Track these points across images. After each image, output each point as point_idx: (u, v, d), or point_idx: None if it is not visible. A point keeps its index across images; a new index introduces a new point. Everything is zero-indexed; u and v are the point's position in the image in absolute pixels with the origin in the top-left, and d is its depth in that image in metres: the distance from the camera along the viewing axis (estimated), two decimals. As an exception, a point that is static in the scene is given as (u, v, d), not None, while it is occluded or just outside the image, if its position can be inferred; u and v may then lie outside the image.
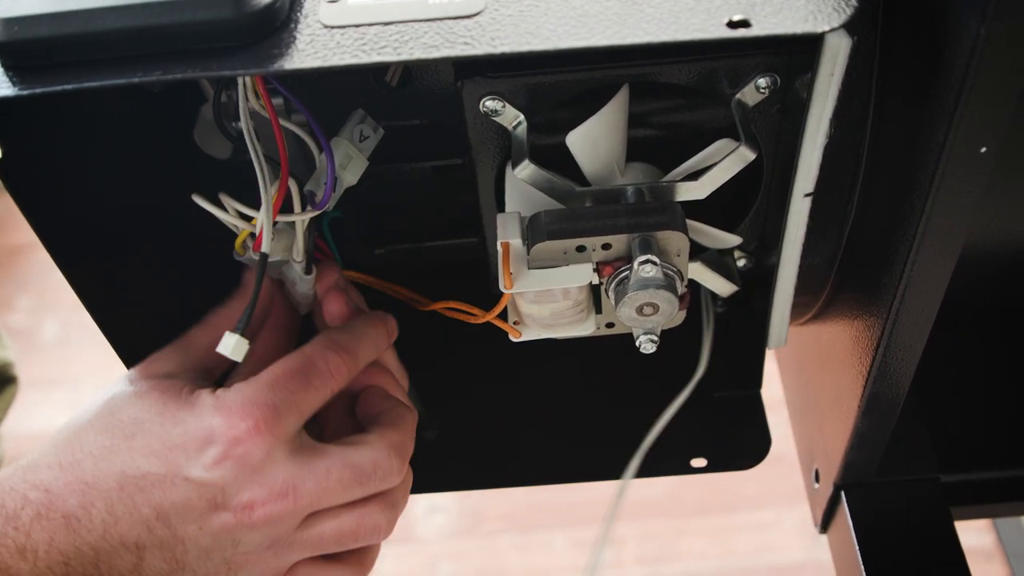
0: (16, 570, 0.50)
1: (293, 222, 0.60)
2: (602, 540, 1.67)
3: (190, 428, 0.55)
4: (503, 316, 0.63)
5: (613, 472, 0.79)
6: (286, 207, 0.59)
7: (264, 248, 0.58)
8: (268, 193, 0.57)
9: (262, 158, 0.57)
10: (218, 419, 0.55)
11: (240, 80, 0.56)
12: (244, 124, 0.56)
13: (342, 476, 0.57)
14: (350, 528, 0.59)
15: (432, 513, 2.03)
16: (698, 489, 1.98)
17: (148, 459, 0.54)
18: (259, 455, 0.55)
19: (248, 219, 0.60)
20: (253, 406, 0.55)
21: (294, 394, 0.57)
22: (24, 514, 0.51)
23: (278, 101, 0.62)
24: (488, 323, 0.63)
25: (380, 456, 0.59)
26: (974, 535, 1.88)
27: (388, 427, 0.62)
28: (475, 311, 0.63)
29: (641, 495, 2.00)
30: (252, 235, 0.60)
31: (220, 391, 0.57)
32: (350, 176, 0.61)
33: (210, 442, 0.54)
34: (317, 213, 0.60)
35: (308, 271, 0.64)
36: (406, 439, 0.62)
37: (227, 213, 0.59)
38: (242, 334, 0.57)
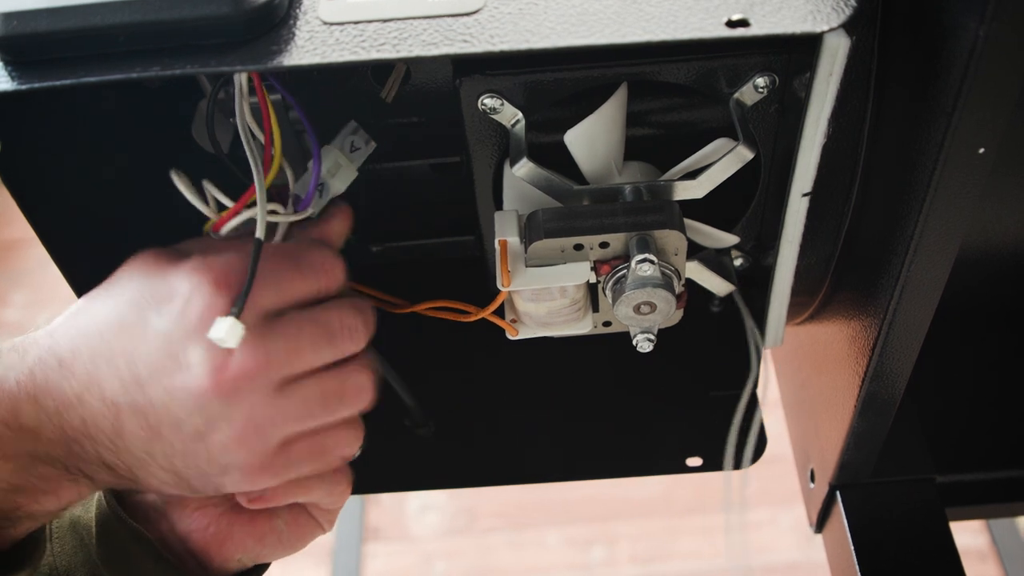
0: (26, 418, 0.51)
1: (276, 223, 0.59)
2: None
3: (167, 279, 0.53)
4: (499, 314, 0.62)
5: (608, 471, 0.79)
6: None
7: (259, 234, 0.57)
8: (263, 182, 0.57)
9: (257, 153, 0.56)
10: (196, 276, 0.53)
11: (236, 77, 0.56)
12: (239, 120, 0.56)
13: (313, 333, 0.55)
14: (334, 387, 0.57)
15: (426, 511, 2.03)
16: (692, 488, 1.98)
17: (126, 308, 0.53)
18: (223, 310, 0.52)
19: (223, 208, 0.59)
20: (233, 270, 0.53)
21: (278, 272, 0.55)
22: (30, 354, 0.52)
23: (275, 97, 0.62)
24: (484, 321, 0.63)
25: (345, 313, 0.57)
26: (968, 536, 1.88)
27: (348, 296, 0.60)
28: (469, 308, 0.62)
29: (635, 494, 2.00)
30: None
31: (209, 254, 0.55)
32: (338, 184, 0.61)
33: (180, 295, 0.52)
34: (299, 217, 0.60)
35: None
36: (367, 305, 0.60)
37: (194, 195, 0.58)
38: (237, 318, 0.55)
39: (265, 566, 0.67)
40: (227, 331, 0.53)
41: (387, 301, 0.65)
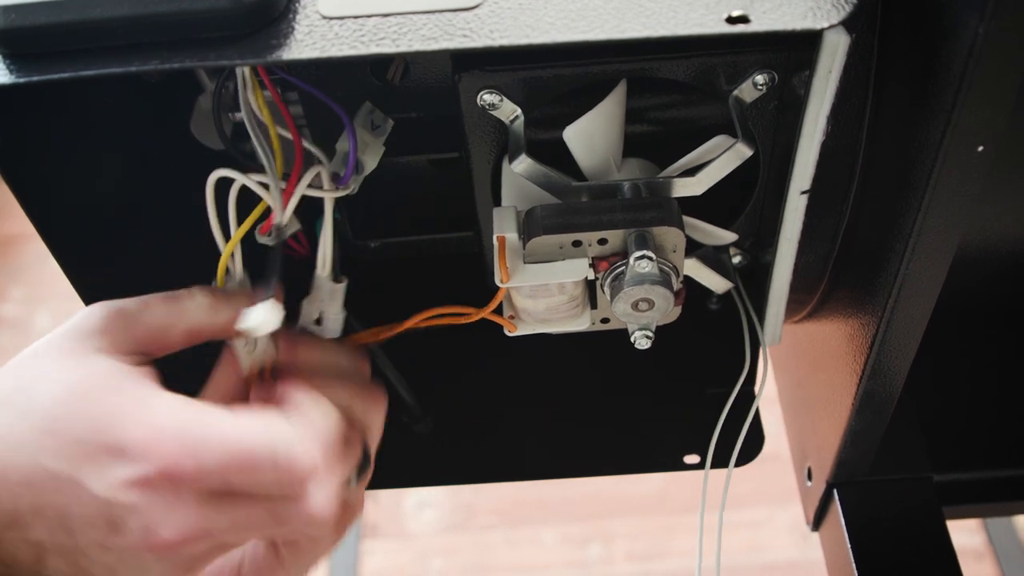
0: None
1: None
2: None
3: (109, 431, 0.48)
4: (497, 310, 0.62)
5: (605, 468, 0.79)
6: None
7: (283, 220, 0.57)
8: (273, 170, 0.57)
9: (265, 145, 0.56)
10: (145, 433, 0.48)
11: (239, 70, 0.56)
12: (245, 114, 0.56)
13: (257, 519, 0.51)
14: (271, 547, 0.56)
15: (423, 508, 2.03)
16: (688, 487, 1.98)
17: (57, 459, 0.47)
18: (173, 489, 0.48)
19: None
20: (193, 441, 0.49)
21: (237, 477, 0.50)
22: None
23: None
24: (482, 318, 0.63)
25: (303, 514, 0.52)
26: (965, 535, 1.88)
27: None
28: (467, 310, 0.62)
29: (632, 492, 2.01)
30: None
31: (166, 393, 0.51)
32: (370, 160, 0.61)
33: (125, 457, 0.48)
34: (344, 192, 0.59)
35: (338, 278, 0.62)
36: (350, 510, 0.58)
37: (253, 181, 0.57)
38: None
39: None
40: (264, 319, 0.53)
41: (381, 331, 0.64)
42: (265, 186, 0.57)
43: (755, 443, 0.76)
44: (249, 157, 0.62)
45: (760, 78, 0.56)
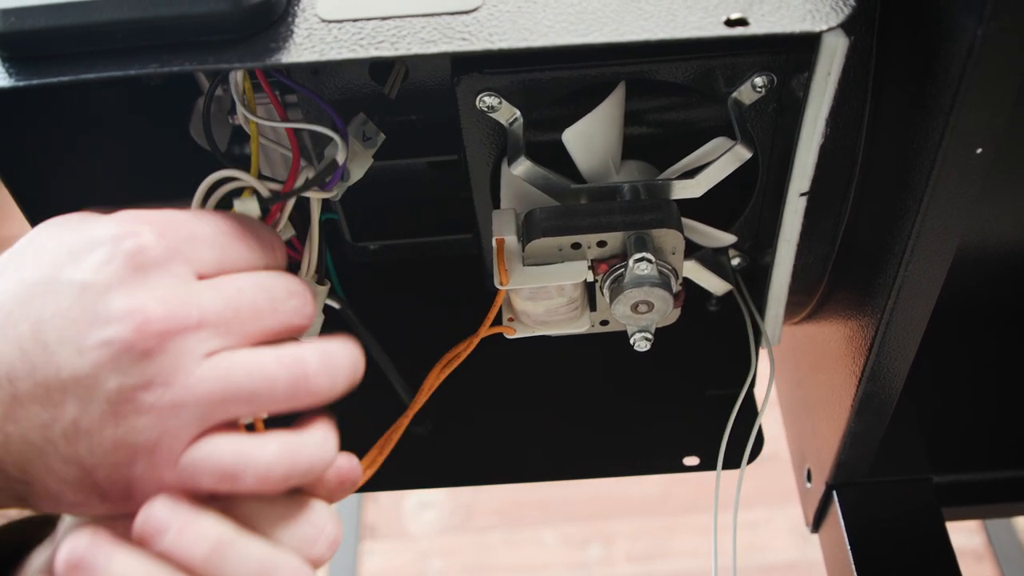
0: None
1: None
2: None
3: (84, 232, 0.45)
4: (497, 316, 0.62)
5: (605, 470, 0.79)
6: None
7: (279, 226, 0.57)
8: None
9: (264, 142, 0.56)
10: (117, 222, 0.46)
11: (232, 74, 0.56)
12: (240, 116, 0.56)
13: (254, 296, 0.47)
14: (271, 366, 0.46)
15: (423, 509, 2.03)
16: (689, 487, 1.98)
17: (33, 268, 0.45)
18: (155, 258, 0.45)
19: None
20: (167, 220, 0.47)
21: (224, 234, 0.48)
22: None
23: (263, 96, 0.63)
24: (481, 318, 0.63)
25: (291, 281, 0.49)
26: (964, 536, 1.88)
27: None
28: (463, 345, 0.62)
29: (632, 492, 2.01)
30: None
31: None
32: (356, 171, 0.61)
33: (100, 242, 0.45)
34: (328, 195, 0.58)
35: (322, 280, 0.62)
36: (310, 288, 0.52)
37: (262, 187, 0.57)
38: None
39: None
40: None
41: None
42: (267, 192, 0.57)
43: (755, 444, 0.76)
44: (239, 159, 0.62)
45: (759, 80, 0.56)
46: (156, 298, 0.44)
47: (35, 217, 0.56)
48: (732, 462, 0.75)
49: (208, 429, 0.46)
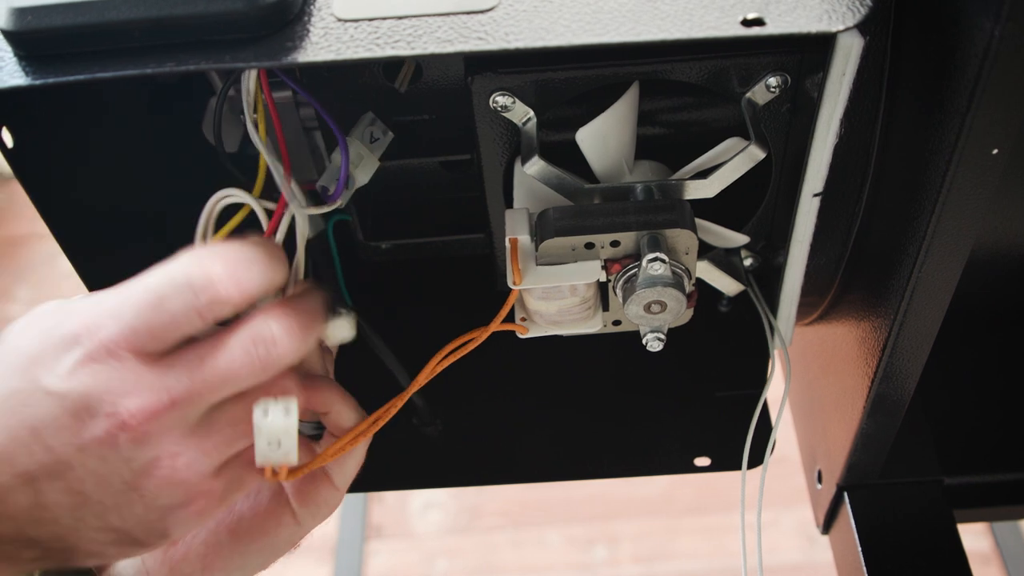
0: None
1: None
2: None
3: (54, 334, 0.48)
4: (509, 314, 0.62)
5: (614, 470, 0.79)
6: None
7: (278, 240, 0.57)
8: (283, 176, 0.56)
9: (271, 150, 0.56)
10: (84, 319, 0.48)
11: (244, 75, 0.55)
12: (248, 118, 0.56)
13: (217, 363, 0.49)
14: (241, 370, 0.50)
15: (429, 509, 2.03)
16: (694, 488, 1.98)
17: (14, 376, 0.48)
18: (113, 361, 0.48)
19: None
20: (104, 317, 0.48)
21: (149, 315, 0.49)
22: None
23: (286, 95, 0.62)
24: (492, 317, 0.62)
25: (260, 328, 0.51)
26: (972, 539, 1.88)
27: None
28: (475, 334, 0.62)
29: (637, 493, 2.00)
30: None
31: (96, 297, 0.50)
32: (362, 175, 0.61)
33: (70, 346, 0.48)
34: (331, 207, 0.59)
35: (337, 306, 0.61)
36: (303, 305, 0.54)
37: (259, 207, 0.57)
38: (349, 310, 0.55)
39: None
40: (349, 327, 0.55)
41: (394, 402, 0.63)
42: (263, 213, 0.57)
43: (765, 445, 0.76)
44: (253, 160, 0.61)
45: (773, 80, 0.56)
46: (126, 396, 0.48)
47: (50, 216, 0.56)
48: (739, 463, 0.75)
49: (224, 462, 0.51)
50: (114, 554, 0.51)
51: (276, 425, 0.51)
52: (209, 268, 0.49)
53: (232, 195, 0.57)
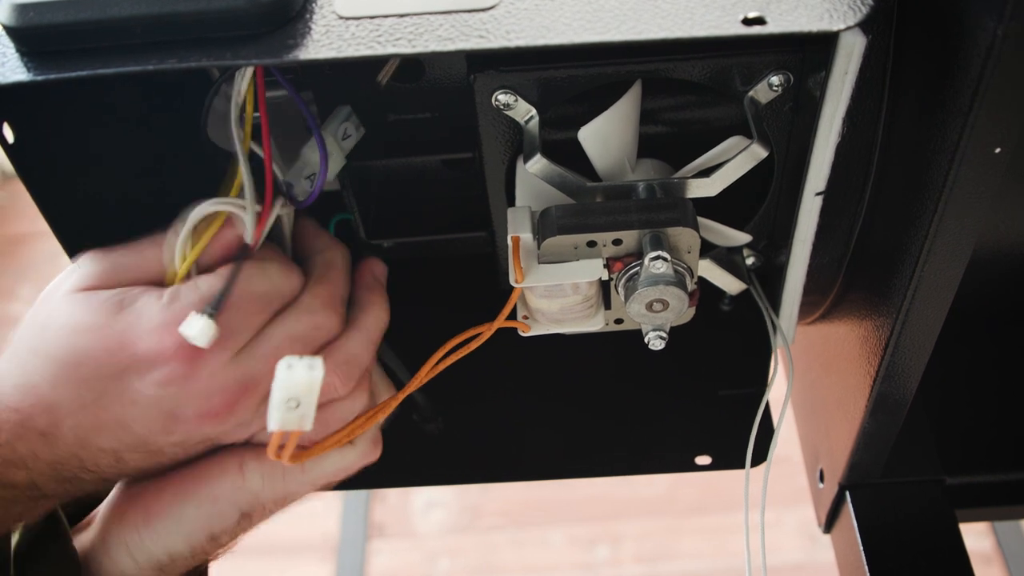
0: (15, 477, 0.52)
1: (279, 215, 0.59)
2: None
3: (137, 346, 0.53)
4: (511, 312, 0.62)
5: (616, 469, 0.79)
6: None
7: (248, 239, 0.57)
8: (250, 182, 0.56)
9: (241, 150, 0.56)
10: (150, 342, 0.53)
11: (239, 73, 0.55)
12: (233, 114, 0.55)
13: (292, 350, 0.55)
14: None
15: (431, 508, 2.03)
16: (696, 488, 1.98)
17: (99, 380, 0.53)
18: (209, 372, 0.54)
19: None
20: (202, 330, 0.53)
21: (249, 317, 0.56)
22: (3, 433, 0.52)
23: (281, 93, 0.62)
24: (494, 316, 0.62)
25: (319, 318, 0.58)
26: (973, 539, 1.88)
27: (318, 282, 0.60)
28: (479, 330, 0.62)
29: (639, 493, 2.00)
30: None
31: (168, 297, 0.54)
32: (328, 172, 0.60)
33: (157, 362, 0.53)
34: (295, 208, 0.59)
35: None
36: (337, 287, 0.61)
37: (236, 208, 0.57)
38: (211, 317, 0.53)
39: None
40: (199, 331, 0.53)
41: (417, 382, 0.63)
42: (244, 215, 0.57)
43: (766, 445, 0.76)
44: (252, 156, 0.61)
45: (775, 79, 0.56)
46: (219, 399, 0.55)
47: (49, 211, 0.56)
48: (740, 462, 0.75)
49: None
50: (133, 467, 0.57)
51: (299, 380, 0.50)
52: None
53: (217, 205, 0.56)
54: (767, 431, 0.75)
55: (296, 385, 0.50)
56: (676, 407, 0.79)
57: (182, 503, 0.59)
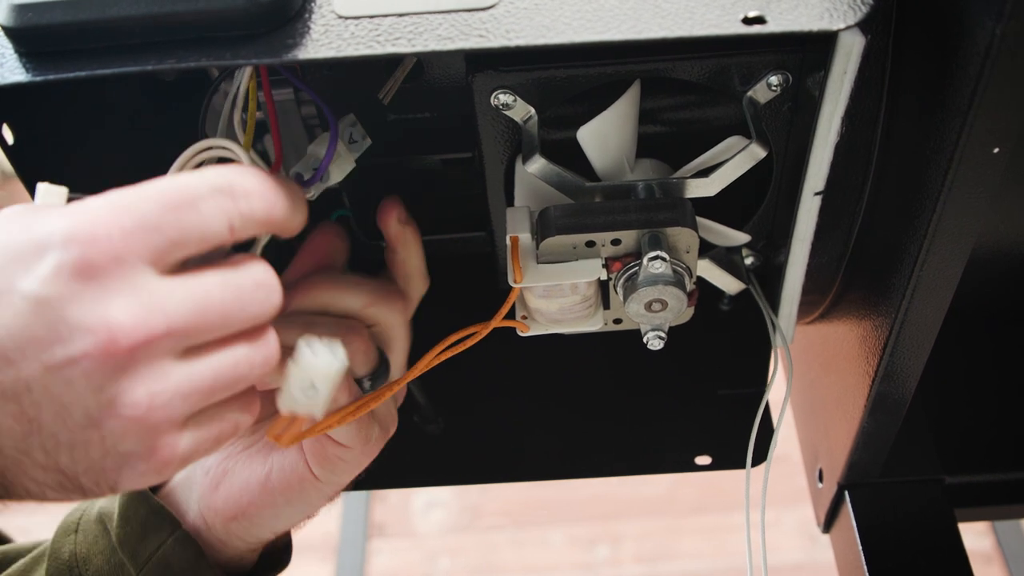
0: None
1: None
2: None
3: (32, 233, 0.42)
4: (510, 312, 0.62)
5: (616, 469, 0.79)
6: None
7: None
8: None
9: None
10: (66, 219, 0.42)
11: (239, 73, 0.55)
12: (230, 110, 0.56)
13: (223, 297, 0.45)
14: (244, 359, 0.46)
15: (431, 508, 2.03)
16: (696, 488, 1.98)
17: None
18: (107, 262, 0.42)
19: None
20: (115, 210, 0.43)
21: (177, 214, 0.44)
22: None
23: (286, 91, 0.62)
24: (492, 315, 0.62)
25: (260, 272, 0.47)
26: (973, 538, 1.88)
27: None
28: (477, 328, 0.61)
29: (639, 493, 2.00)
30: None
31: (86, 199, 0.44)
32: (337, 173, 0.60)
33: (50, 247, 0.41)
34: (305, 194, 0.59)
35: None
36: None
37: None
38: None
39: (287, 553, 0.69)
40: (43, 192, 0.48)
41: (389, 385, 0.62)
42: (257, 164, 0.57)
43: (766, 444, 0.76)
44: (263, 157, 0.62)
45: (774, 79, 0.56)
46: (119, 310, 0.42)
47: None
48: (740, 462, 0.75)
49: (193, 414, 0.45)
50: (52, 498, 0.45)
51: (322, 365, 0.48)
52: (247, 180, 0.46)
53: (217, 146, 0.53)
54: (767, 431, 0.75)
55: (317, 370, 0.48)
56: (676, 407, 0.79)
57: (274, 508, 0.63)
